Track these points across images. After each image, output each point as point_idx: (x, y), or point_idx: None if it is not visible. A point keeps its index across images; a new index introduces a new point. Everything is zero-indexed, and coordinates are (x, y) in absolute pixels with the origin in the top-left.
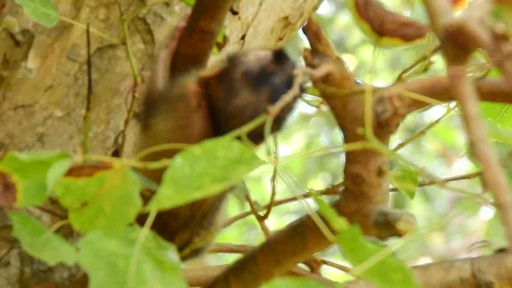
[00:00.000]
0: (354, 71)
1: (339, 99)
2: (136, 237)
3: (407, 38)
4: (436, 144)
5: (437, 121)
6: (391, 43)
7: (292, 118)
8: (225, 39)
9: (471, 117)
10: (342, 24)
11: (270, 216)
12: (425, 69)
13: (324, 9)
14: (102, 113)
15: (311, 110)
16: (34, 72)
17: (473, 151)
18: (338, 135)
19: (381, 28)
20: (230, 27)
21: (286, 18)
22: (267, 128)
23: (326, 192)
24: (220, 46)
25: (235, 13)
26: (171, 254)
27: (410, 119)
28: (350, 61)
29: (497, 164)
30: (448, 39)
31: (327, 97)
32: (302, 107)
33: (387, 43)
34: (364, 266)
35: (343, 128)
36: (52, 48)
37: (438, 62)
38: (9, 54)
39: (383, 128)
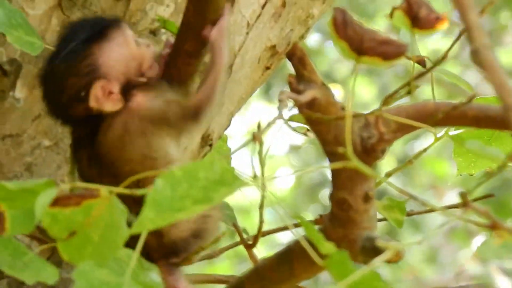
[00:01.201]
0: (342, 101)
1: (325, 125)
2: (124, 261)
3: (386, 56)
4: (426, 175)
5: (425, 149)
6: (371, 62)
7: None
8: None
9: (473, 26)
10: (331, 55)
11: (260, 247)
12: (409, 93)
13: (312, 40)
14: None
15: (300, 141)
16: (21, 101)
17: (476, 58)
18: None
19: (360, 46)
20: None
21: (273, 47)
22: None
23: (315, 222)
24: None
25: None
26: (154, 275)
27: (399, 149)
28: (338, 92)
29: (501, 69)
30: None
31: (312, 123)
32: (292, 138)
33: (366, 62)
34: None
35: (328, 153)
36: None
37: (423, 87)
38: None
39: (370, 154)
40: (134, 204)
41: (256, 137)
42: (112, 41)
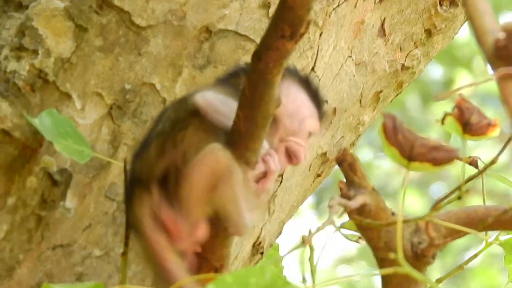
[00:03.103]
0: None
1: (375, 231)
2: None
3: (437, 162)
4: (477, 285)
5: (476, 255)
6: (421, 168)
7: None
8: None
9: None
10: (383, 169)
11: None
12: (460, 198)
13: (364, 154)
14: (141, 251)
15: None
16: (72, 211)
17: None
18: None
19: (411, 152)
20: None
21: (324, 154)
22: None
23: None
24: None
25: None
26: None
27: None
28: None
29: None
30: (496, 53)
31: (363, 229)
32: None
33: (417, 168)
34: None
35: (379, 260)
36: (90, 187)
37: (472, 192)
38: (47, 193)
39: (420, 259)
40: None
41: (305, 241)
42: None
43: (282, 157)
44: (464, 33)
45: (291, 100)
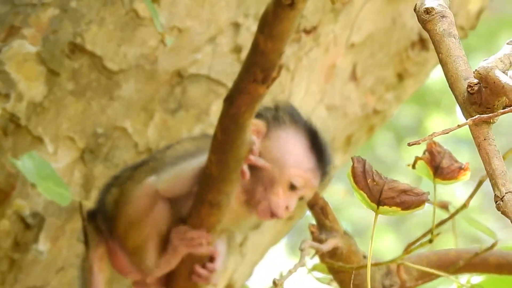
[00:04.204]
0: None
1: (347, 273)
2: None
3: (406, 206)
4: None
5: None
6: (390, 212)
7: None
8: None
9: (497, 173)
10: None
11: None
12: (431, 241)
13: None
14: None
15: None
16: (45, 254)
17: (500, 206)
18: None
19: (380, 197)
20: None
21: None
22: None
23: None
24: None
25: None
26: None
27: None
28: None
29: None
30: (470, 98)
31: (334, 272)
32: None
33: (386, 212)
34: None
35: None
36: (62, 230)
37: (445, 235)
38: (20, 236)
39: None
40: None
41: (277, 284)
42: None
43: (265, 211)
44: (435, 76)
45: (277, 145)
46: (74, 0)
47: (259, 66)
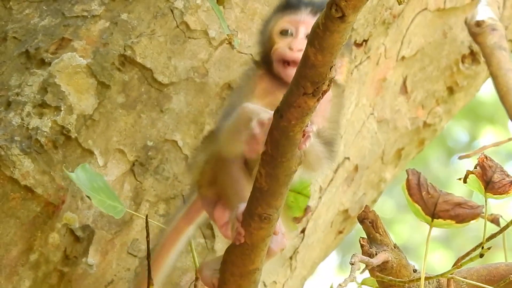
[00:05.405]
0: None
1: (397, 287)
2: None
3: (460, 219)
4: None
5: None
6: (445, 225)
7: None
8: (308, 209)
9: None
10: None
11: None
12: (481, 256)
13: (387, 210)
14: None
15: None
16: (94, 267)
17: None
18: None
19: (434, 209)
20: None
21: (346, 211)
22: None
23: None
24: (297, 220)
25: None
26: None
27: None
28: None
29: None
30: None
31: (384, 286)
32: None
33: (440, 225)
34: None
35: None
36: (112, 243)
37: (494, 249)
38: (70, 249)
39: None
40: None
41: None
42: None
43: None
44: (486, 90)
45: None
46: (125, 13)
47: (309, 79)
